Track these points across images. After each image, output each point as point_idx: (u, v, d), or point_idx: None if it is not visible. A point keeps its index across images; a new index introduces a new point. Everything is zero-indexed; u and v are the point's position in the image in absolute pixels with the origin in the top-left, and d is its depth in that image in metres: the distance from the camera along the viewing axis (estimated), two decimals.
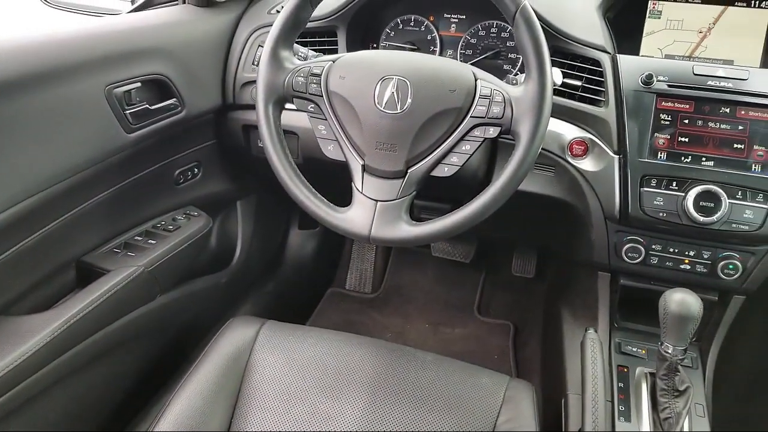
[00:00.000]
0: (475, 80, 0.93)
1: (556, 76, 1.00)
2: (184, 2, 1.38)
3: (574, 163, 1.15)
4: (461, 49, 1.35)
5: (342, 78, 0.96)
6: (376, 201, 0.95)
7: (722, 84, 1.07)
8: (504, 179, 0.90)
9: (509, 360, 1.80)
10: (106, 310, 1.09)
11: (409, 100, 0.93)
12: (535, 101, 0.88)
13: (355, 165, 0.97)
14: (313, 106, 0.99)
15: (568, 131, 1.16)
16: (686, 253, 1.12)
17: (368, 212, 0.95)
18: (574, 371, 1.13)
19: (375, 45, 1.40)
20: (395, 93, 0.93)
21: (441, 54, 1.37)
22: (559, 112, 1.17)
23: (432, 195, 1.37)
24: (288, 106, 1.03)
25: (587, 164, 1.15)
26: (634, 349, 1.18)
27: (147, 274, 1.18)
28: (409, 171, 0.95)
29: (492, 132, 0.92)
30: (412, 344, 1.86)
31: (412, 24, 1.38)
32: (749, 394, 1.59)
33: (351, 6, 1.25)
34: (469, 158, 0.94)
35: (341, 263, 2.14)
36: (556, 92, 1.16)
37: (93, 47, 1.09)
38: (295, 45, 1.11)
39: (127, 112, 1.13)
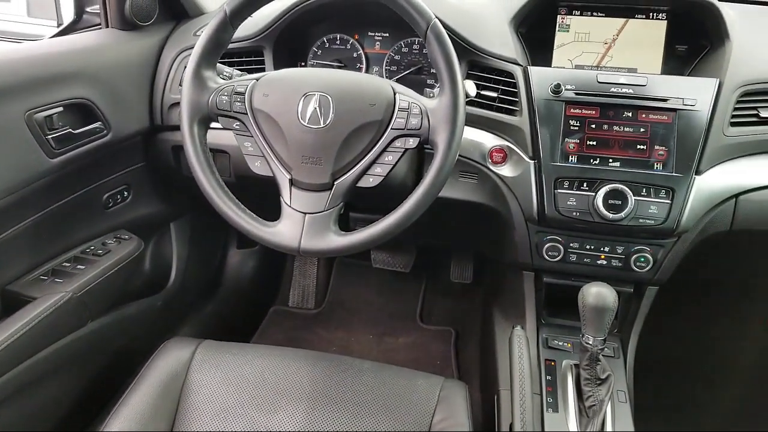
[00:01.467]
0: (394, 94, 0.98)
1: (470, 88, 1.06)
2: (107, 26, 1.38)
3: (495, 170, 1.21)
4: (386, 65, 1.40)
5: (266, 95, 0.99)
6: (305, 213, 0.98)
7: (624, 90, 1.15)
8: (425, 187, 0.95)
9: (451, 364, 1.85)
10: (33, 338, 1.07)
11: (332, 115, 0.96)
12: (449, 112, 0.93)
13: (283, 179, 1.00)
14: (238, 123, 1.02)
15: (488, 140, 1.22)
16: (601, 249, 1.19)
17: (297, 225, 0.97)
18: (505, 368, 1.18)
19: (303, 63, 1.44)
20: (318, 108, 0.97)
21: (367, 71, 1.42)
22: (478, 122, 1.23)
23: (367, 207, 1.41)
24: (215, 125, 1.04)
25: (506, 170, 1.21)
26: (561, 343, 1.24)
27: (76, 300, 1.16)
28: (335, 183, 0.98)
29: (412, 143, 0.97)
30: (356, 357, 1.90)
31: (338, 42, 1.42)
32: (668, 378, 1.69)
33: (276, 26, 1.28)
34: (392, 169, 0.99)
35: (283, 281, 2.15)
36: (475, 103, 1.22)
37: (12, 72, 1.08)
38: (220, 65, 1.13)
39: (49, 137, 1.12)
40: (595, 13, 1.30)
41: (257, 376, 1.09)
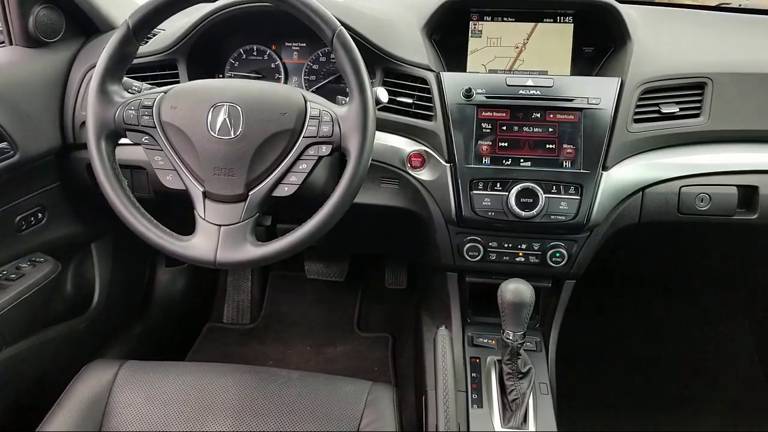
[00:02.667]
0: (305, 102, 0.99)
1: (381, 94, 1.08)
2: (11, 44, 1.33)
3: (414, 174, 1.24)
4: (305, 75, 1.41)
5: (174, 108, 0.98)
6: (220, 226, 0.97)
7: (532, 92, 1.19)
8: (339, 193, 0.95)
9: (389, 370, 1.86)
10: None
11: (242, 125, 0.96)
12: (359, 119, 0.95)
13: (196, 192, 0.99)
14: (147, 138, 1.00)
15: (406, 145, 1.24)
16: (519, 246, 1.23)
17: (212, 237, 0.96)
18: (432, 369, 1.20)
19: (221, 76, 1.43)
20: (227, 119, 0.96)
21: (286, 81, 1.42)
22: (396, 128, 1.25)
23: (292, 217, 1.40)
24: (125, 140, 1.02)
25: (425, 174, 1.23)
26: (485, 341, 1.27)
27: None
28: (250, 194, 0.98)
29: (325, 150, 0.98)
30: (294, 369, 1.88)
31: (255, 53, 1.42)
32: (592, 369, 1.76)
33: (188, 39, 1.27)
34: (307, 177, 0.99)
35: (217, 297, 2.11)
36: (392, 110, 1.24)
37: None
38: (128, 79, 1.11)
39: None
40: (505, 19, 1.34)
41: (182, 393, 1.07)
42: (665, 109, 1.21)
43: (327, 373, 1.83)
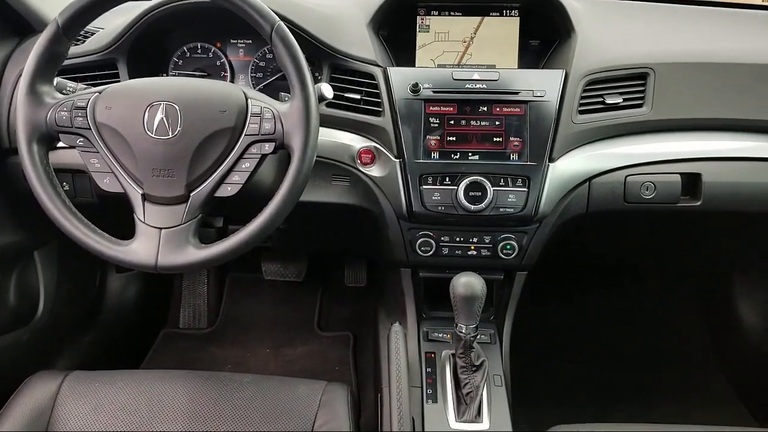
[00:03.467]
0: (246, 99, 0.97)
1: (326, 90, 1.06)
2: None
3: (365, 171, 1.23)
4: (251, 72, 1.38)
5: (108, 108, 0.95)
6: (160, 229, 0.94)
7: (478, 86, 1.20)
8: (283, 192, 0.94)
9: (350, 369, 1.85)
10: None
11: (180, 125, 0.93)
12: (302, 115, 0.93)
13: (134, 195, 0.96)
14: (82, 140, 0.97)
15: (356, 142, 1.23)
16: (471, 240, 1.23)
17: (152, 241, 0.94)
18: (387, 366, 1.19)
19: (165, 75, 1.39)
20: (165, 118, 0.93)
21: (232, 79, 1.39)
22: (346, 125, 1.24)
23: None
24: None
25: (376, 170, 1.22)
26: (440, 335, 1.27)
27: None
28: (191, 195, 0.95)
29: (268, 148, 0.96)
30: (253, 372, 1.85)
31: (199, 51, 1.38)
32: (544, 359, 1.78)
33: (127, 37, 1.23)
34: (251, 176, 0.97)
35: (172, 302, 2.06)
36: (341, 106, 1.23)
37: None
38: (63, 80, 1.07)
39: None
40: (452, 13, 1.34)
41: (130, 403, 1.04)
42: (609, 100, 1.22)
43: (287, 375, 1.82)
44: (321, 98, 1.03)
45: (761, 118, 1.24)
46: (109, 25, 1.26)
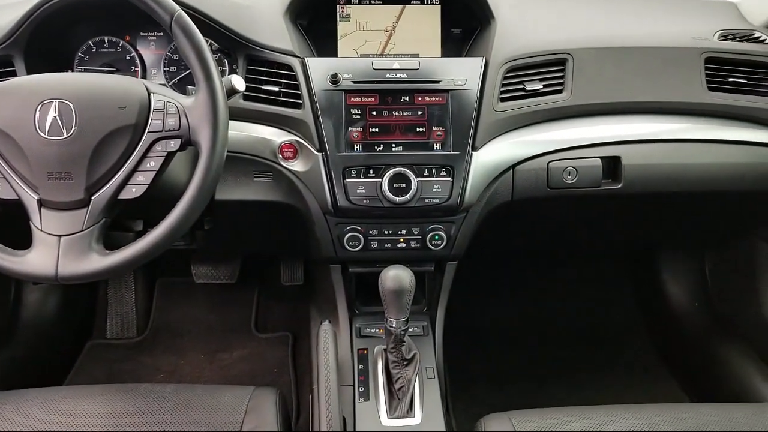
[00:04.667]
0: (148, 94, 0.91)
1: (237, 82, 1.01)
2: None
3: (287, 166, 1.19)
4: (164, 66, 1.32)
5: None
6: (59, 236, 0.88)
7: (399, 75, 1.17)
8: (192, 191, 0.89)
9: (289, 370, 1.80)
10: None
11: (75, 123, 0.87)
12: (208, 109, 0.89)
13: (29, 201, 0.89)
14: None
15: (277, 136, 1.19)
16: (399, 232, 1.21)
17: (51, 250, 0.87)
18: (316, 366, 1.16)
19: (70, 71, 1.30)
20: (58, 117, 0.87)
21: (144, 74, 1.31)
22: (265, 118, 1.20)
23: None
24: None
25: (299, 165, 1.19)
26: (373, 331, 1.25)
27: None
28: (92, 198, 0.89)
29: (174, 145, 0.91)
30: (187, 380, 1.79)
31: (106, 45, 1.30)
32: (480, 347, 1.80)
33: (21, 32, 1.14)
34: (158, 175, 0.92)
35: (98, 311, 1.96)
36: (259, 99, 1.19)
37: None
38: None
39: None
40: (373, 2, 1.31)
41: (44, 422, 0.97)
42: (529, 87, 1.23)
43: (223, 380, 1.76)
44: (232, 91, 0.99)
45: (674, 100, 1.27)
46: (2, 20, 1.16)
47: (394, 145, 1.16)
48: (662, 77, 1.28)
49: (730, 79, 1.29)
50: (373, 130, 1.16)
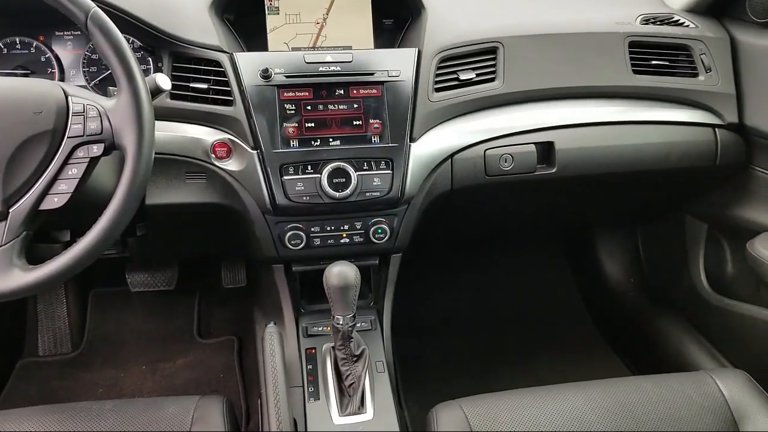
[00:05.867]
0: (66, 97, 0.86)
1: (162, 81, 0.97)
2: None
3: (221, 166, 1.15)
4: (84, 67, 1.25)
5: None
6: None
7: (332, 68, 1.16)
8: (120, 197, 0.84)
9: (236, 375, 1.76)
10: None
11: None
12: (132, 110, 0.84)
13: None
14: None
15: (209, 135, 1.15)
16: (342, 228, 1.20)
17: None
18: (263, 369, 1.13)
19: None
20: None
21: (62, 76, 1.24)
22: (195, 117, 1.15)
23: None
24: None
25: (233, 164, 1.15)
26: (320, 329, 1.23)
27: None
28: (10, 211, 0.83)
29: (97, 150, 0.86)
30: (128, 393, 1.72)
31: (18, 47, 1.22)
32: (430, 337, 1.81)
33: None
34: (81, 183, 0.87)
35: (28, 328, 1.85)
36: (188, 97, 1.14)
37: None
38: None
39: None
40: None
41: None
42: (463, 76, 1.23)
43: (166, 391, 1.70)
44: (157, 90, 0.94)
45: (601, 84, 1.31)
46: None
47: (331, 140, 1.14)
48: (589, 62, 1.32)
49: (653, 62, 1.34)
50: (309, 125, 1.14)
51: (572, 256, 2.12)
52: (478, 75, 1.25)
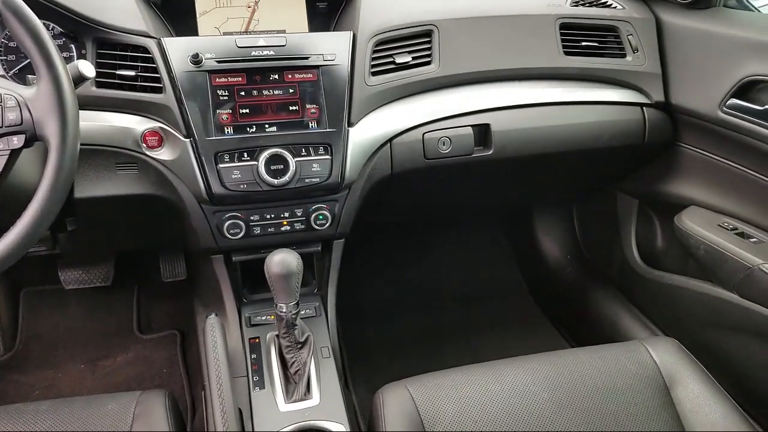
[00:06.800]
0: None
1: (85, 68, 0.92)
2: None
3: (153, 155, 1.12)
4: (1, 55, 1.17)
5: None
6: None
7: (265, 53, 1.13)
8: (43, 192, 0.81)
9: (179, 369, 1.72)
10: None
11: None
12: (53, 99, 0.80)
13: None
14: None
15: (138, 124, 1.11)
16: (282, 215, 1.18)
17: None
18: (205, 361, 1.11)
19: None
20: None
21: None
22: (123, 106, 1.12)
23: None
24: None
25: (165, 154, 1.12)
26: (263, 318, 1.22)
27: None
28: None
29: (17, 142, 0.82)
30: (66, 393, 1.65)
31: None
32: (376, 320, 1.83)
33: None
34: (1, 177, 0.82)
35: None
36: (114, 85, 1.10)
37: None
38: None
39: None
40: None
41: None
42: (399, 60, 1.23)
43: (108, 389, 1.65)
44: (80, 78, 0.90)
45: (534, 66, 1.33)
46: None
47: (267, 126, 1.12)
48: (523, 44, 1.34)
49: (583, 43, 1.38)
50: (244, 111, 1.11)
51: (512, 235, 2.18)
52: (414, 58, 1.25)
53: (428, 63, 1.26)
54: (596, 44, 1.40)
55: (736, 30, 1.26)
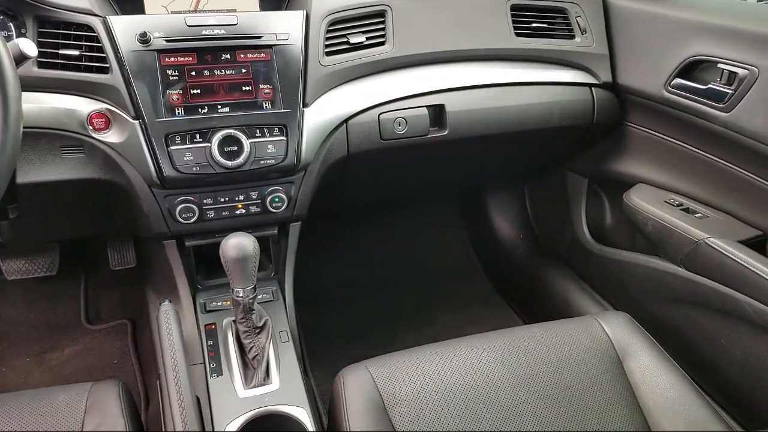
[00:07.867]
0: None
1: (27, 47, 0.88)
2: None
3: (100, 138, 1.08)
4: None
5: None
6: None
7: (216, 32, 1.10)
8: None
9: (131, 359, 1.68)
10: None
11: None
12: None
13: None
14: None
15: (84, 105, 1.07)
16: (237, 198, 1.16)
17: None
18: (160, 350, 1.09)
19: None
20: None
21: None
22: (67, 87, 1.07)
23: None
24: None
25: (113, 136, 1.08)
26: (219, 304, 1.20)
27: None
28: None
29: None
30: (12, 388, 1.59)
31: None
32: (334, 303, 1.83)
33: None
34: None
35: None
36: (56, 65, 1.06)
37: None
38: None
39: None
40: None
41: None
42: (353, 40, 1.22)
43: (56, 382, 1.59)
44: (21, 57, 0.85)
45: (487, 47, 1.34)
46: None
47: (219, 107, 1.09)
48: (475, 25, 1.34)
49: (534, 25, 1.39)
50: (195, 91, 1.08)
51: (466, 216, 2.20)
52: (368, 39, 1.24)
53: (382, 43, 1.26)
54: (546, 26, 1.42)
55: (681, 11, 1.29)
